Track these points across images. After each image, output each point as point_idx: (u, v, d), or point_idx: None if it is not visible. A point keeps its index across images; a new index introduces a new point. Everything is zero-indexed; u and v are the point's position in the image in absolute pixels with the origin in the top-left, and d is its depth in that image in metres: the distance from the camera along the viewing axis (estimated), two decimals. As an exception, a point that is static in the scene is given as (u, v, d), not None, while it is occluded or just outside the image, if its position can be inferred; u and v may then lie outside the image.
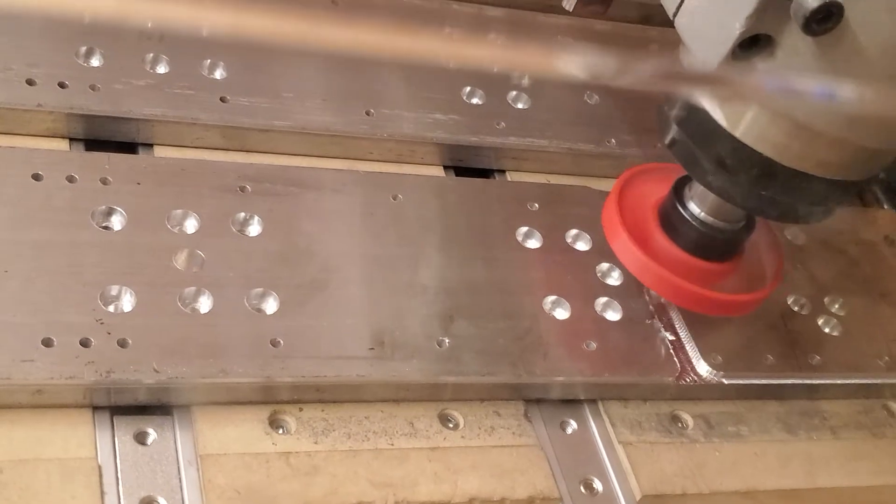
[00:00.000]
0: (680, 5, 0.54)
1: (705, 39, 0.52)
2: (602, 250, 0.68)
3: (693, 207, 0.63)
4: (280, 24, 0.38)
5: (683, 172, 0.62)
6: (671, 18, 0.55)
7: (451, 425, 0.59)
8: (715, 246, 0.64)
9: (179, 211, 0.61)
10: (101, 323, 0.54)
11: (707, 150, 0.57)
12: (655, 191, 0.66)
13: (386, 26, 0.39)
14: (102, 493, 0.50)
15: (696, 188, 0.63)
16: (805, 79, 0.52)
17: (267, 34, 0.38)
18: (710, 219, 0.63)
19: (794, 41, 0.50)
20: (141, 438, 0.53)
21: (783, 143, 0.55)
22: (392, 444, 0.57)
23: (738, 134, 0.56)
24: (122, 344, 0.54)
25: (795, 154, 0.55)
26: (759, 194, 0.57)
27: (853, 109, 0.51)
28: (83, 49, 0.66)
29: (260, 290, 0.59)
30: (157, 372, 0.53)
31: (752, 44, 0.51)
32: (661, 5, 0.56)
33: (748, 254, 0.66)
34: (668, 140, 0.59)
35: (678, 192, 0.64)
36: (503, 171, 0.74)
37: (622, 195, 0.65)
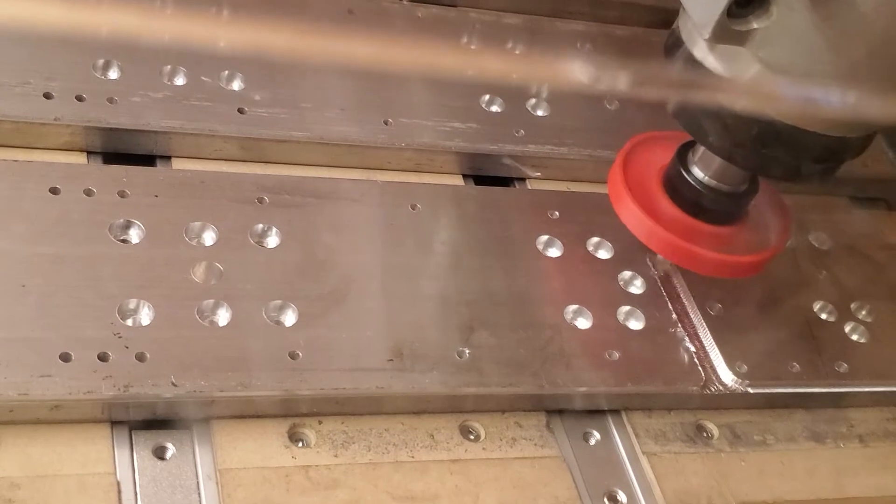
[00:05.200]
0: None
1: None
2: (624, 258, 0.68)
3: (697, 171, 0.63)
4: (298, 38, 0.38)
5: (684, 141, 0.63)
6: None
7: (472, 437, 0.58)
8: (719, 209, 0.64)
9: (197, 223, 0.61)
10: (119, 337, 0.54)
11: (709, 110, 0.58)
12: (659, 158, 0.66)
13: (403, 40, 0.38)
14: (121, 509, 0.50)
15: (700, 152, 0.63)
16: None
17: (285, 48, 0.38)
18: (713, 182, 0.63)
19: None
20: (160, 453, 0.53)
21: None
22: (412, 457, 0.56)
23: None
24: (141, 358, 0.53)
25: (795, 111, 0.56)
26: (760, 153, 0.58)
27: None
28: (100, 62, 0.66)
29: (279, 302, 0.58)
30: (175, 386, 0.53)
31: (748, 1, 0.51)
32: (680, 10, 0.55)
33: (755, 217, 0.67)
34: (671, 104, 0.60)
35: (682, 157, 0.64)
36: (523, 180, 0.74)
37: (626, 163, 0.66)
